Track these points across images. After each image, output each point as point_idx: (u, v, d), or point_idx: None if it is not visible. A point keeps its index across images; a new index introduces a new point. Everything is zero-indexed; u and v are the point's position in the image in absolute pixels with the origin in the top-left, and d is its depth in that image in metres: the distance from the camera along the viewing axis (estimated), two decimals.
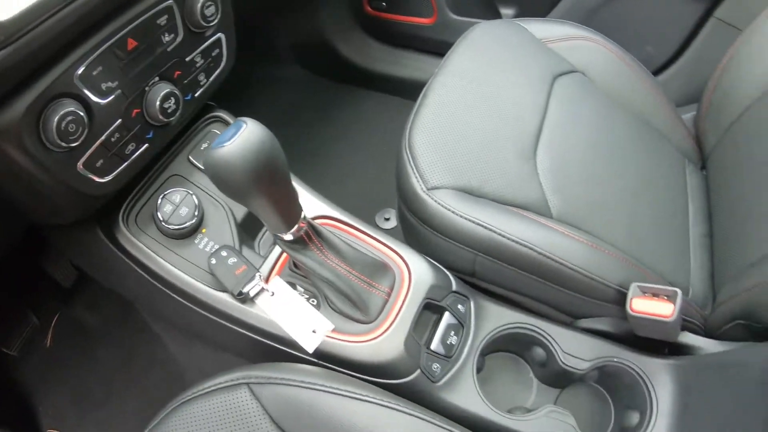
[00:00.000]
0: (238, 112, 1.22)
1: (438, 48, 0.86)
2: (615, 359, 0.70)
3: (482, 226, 0.67)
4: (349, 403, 0.59)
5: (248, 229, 0.75)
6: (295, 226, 0.61)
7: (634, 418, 0.69)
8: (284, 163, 0.54)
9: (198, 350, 0.90)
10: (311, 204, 0.74)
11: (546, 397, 0.73)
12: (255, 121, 0.53)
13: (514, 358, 0.75)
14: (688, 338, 0.74)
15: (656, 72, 1.12)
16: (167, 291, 0.74)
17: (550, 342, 0.69)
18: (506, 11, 1.12)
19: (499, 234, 0.66)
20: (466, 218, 0.68)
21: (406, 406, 0.59)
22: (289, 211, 0.60)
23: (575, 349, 0.70)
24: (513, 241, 0.66)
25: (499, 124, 0.76)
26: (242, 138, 0.50)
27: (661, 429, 0.66)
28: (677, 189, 0.87)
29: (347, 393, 0.60)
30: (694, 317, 0.77)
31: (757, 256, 0.71)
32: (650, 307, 0.65)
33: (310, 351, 0.66)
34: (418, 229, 0.73)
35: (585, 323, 0.74)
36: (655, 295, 0.66)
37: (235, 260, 0.70)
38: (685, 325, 0.76)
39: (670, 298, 0.65)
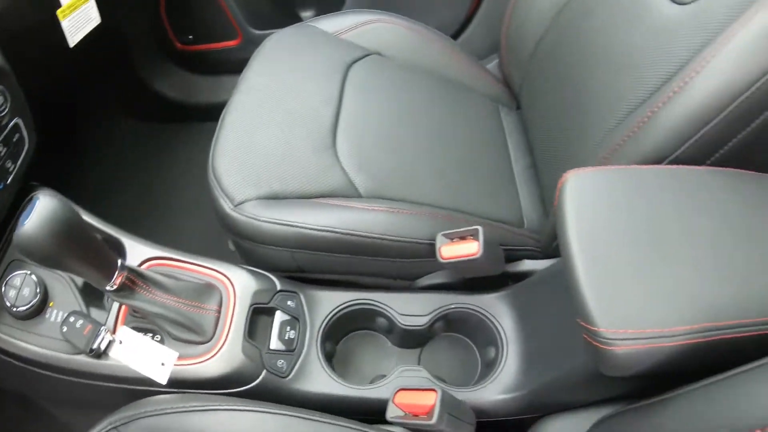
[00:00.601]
0: (72, 181, 1.31)
1: None
2: (452, 306, 0.80)
3: (286, 225, 0.77)
4: (197, 416, 0.68)
5: (92, 290, 0.85)
6: (114, 276, 0.70)
7: (492, 352, 0.80)
8: (82, 225, 0.63)
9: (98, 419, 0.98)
10: (137, 250, 0.83)
11: (408, 359, 0.83)
12: (48, 193, 0.62)
13: (369, 334, 0.85)
14: (526, 265, 0.85)
15: (459, 31, 1.24)
16: (36, 369, 0.82)
17: (385, 309, 0.79)
18: (306, 13, 1.24)
19: (302, 227, 0.77)
20: (271, 222, 0.77)
21: (249, 405, 0.69)
22: (103, 265, 0.69)
23: (411, 308, 0.79)
24: (315, 230, 0.76)
25: (294, 127, 0.86)
26: (36, 214, 0.59)
27: (513, 354, 0.77)
28: (493, 132, 0.98)
29: (195, 408, 0.69)
30: (529, 244, 0.87)
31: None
32: (457, 250, 0.74)
33: (164, 382, 0.75)
34: (240, 244, 0.83)
35: (422, 282, 0.84)
36: (462, 237, 0.76)
37: (82, 321, 0.79)
38: (523, 254, 0.87)
39: (474, 236, 0.75)
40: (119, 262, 0.70)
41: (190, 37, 1.27)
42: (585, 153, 0.79)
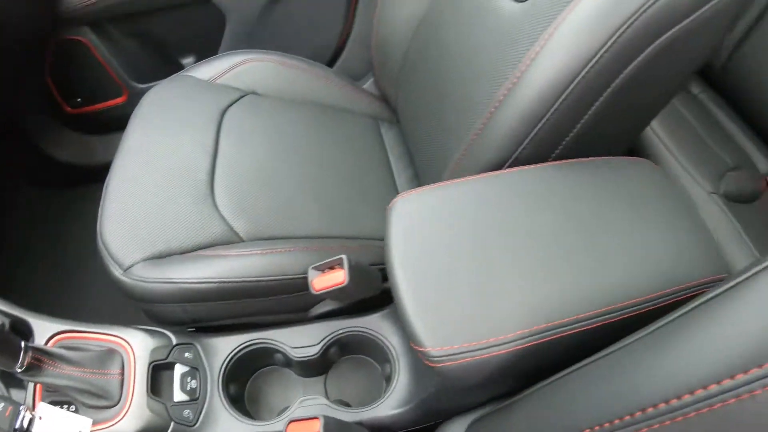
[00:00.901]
0: None
1: None
2: (341, 331, 0.91)
3: (170, 282, 0.87)
4: None
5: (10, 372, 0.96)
6: (21, 359, 0.81)
7: (389, 368, 0.91)
8: None
9: None
10: (43, 327, 0.93)
11: (313, 388, 0.94)
12: None
13: (276, 369, 0.96)
14: None
15: (335, 57, 1.34)
16: None
17: (278, 345, 0.90)
18: (187, 60, 1.34)
19: (183, 282, 0.87)
20: (157, 282, 0.88)
21: None
22: (8, 350, 0.80)
23: (302, 339, 0.90)
24: (195, 283, 0.87)
25: (173, 184, 0.96)
26: None
27: (404, 368, 0.88)
28: (374, 150, 1.08)
29: None
30: None
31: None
32: (327, 281, 0.84)
33: None
34: (138, 305, 0.93)
35: (314, 311, 0.95)
36: (332, 267, 0.86)
37: (3, 404, 0.90)
38: None
39: (341, 264, 0.85)
40: (23, 344, 0.81)
41: (79, 100, 1.37)
42: (447, 163, 0.89)
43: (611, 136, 0.86)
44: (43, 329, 0.94)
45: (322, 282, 0.83)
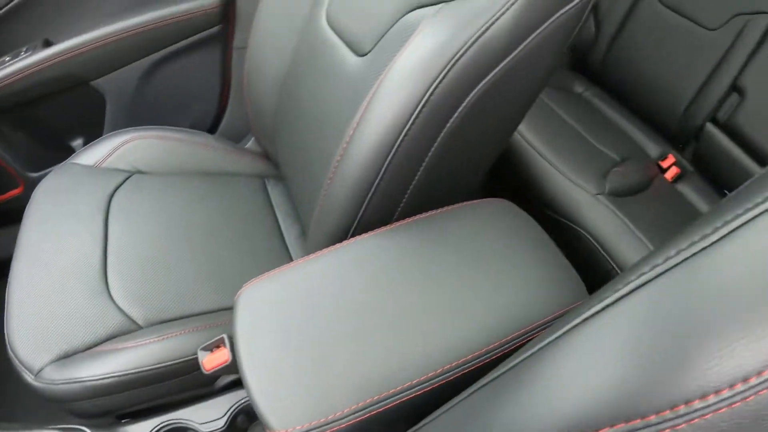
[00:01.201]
0: None
1: None
2: (243, 401, 1.03)
3: (76, 382, 0.99)
4: None
5: None
6: None
7: None
8: None
9: None
10: None
11: None
12: None
13: None
14: None
15: (216, 123, 1.44)
16: None
17: (187, 422, 1.02)
18: (77, 143, 1.43)
19: (87, 381, 0.98)
20: (64, 383, 0.99)
21: None
22: None
23: (209, 414, 1.02)
24: (97, 380, 0.98)
25: (69, 281, 1.06)
26: None
27: None
28: (261, 210, 1.18)
29: None
30: None
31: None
32: (215, 360, 0.93)
33: None
34: (53, 406, 1.05)
35: (219, 384, 1.07)
36: (218, 346, 0.97)
37: None
38: None
39: (224, 343, 0.95)
40: None
41: None
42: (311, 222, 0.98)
43: (460, 173, 0.95)
44: None
45: (211, 362, 0.93)
